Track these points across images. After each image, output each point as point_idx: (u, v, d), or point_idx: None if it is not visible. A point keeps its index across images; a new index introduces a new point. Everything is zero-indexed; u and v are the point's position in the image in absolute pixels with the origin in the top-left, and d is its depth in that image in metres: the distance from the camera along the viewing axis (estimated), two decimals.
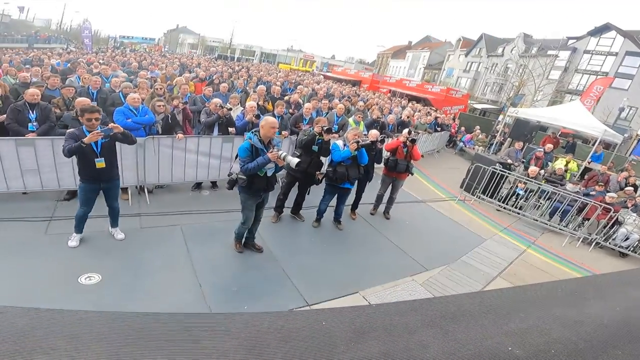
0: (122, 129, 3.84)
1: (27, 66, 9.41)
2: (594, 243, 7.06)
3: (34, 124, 4.87)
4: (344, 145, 5.08)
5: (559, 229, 7.42)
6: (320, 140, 5.07)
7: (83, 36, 31.03)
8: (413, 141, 5.95)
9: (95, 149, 3.73)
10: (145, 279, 3.74)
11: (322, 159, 5.38)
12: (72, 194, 5.08)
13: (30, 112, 4.85)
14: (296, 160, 3.78)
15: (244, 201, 4.15)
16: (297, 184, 5.47)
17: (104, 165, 3.79)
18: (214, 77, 10.51)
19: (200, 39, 67.72)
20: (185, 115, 6.08)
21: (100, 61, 13.13)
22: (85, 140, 3.52)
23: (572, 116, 11.45)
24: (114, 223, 4.33)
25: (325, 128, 5.02)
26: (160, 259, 4.08)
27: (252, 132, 3.98)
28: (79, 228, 4.06)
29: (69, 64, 10.69)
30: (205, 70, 12.69)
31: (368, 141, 5.05)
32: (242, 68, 20.19)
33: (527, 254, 6.29)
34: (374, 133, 5.57)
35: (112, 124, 3.85)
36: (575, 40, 29.61)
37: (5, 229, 4.16)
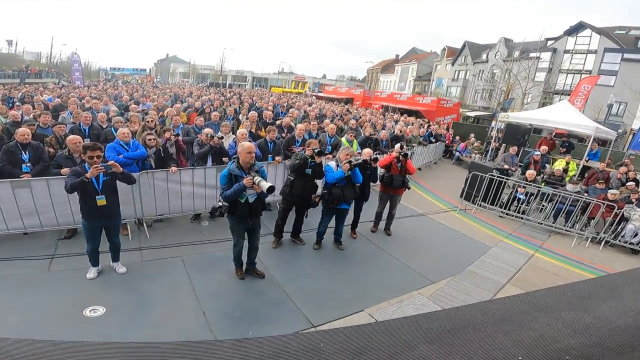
0: (121, 168, 3.93)
1: (18, 103, 9.42)
2: (603, 242, 6.93)
3: (27, 164, 4.88)
4: (337, 166, 5.06)
5: (565, 230, 7.31)
6: (313, 163, 5.05)
7: (73, 69, 31.03)
8: (405, 155, 5.92)
9: (96, 186, 3.81)
10: (149, 310, 3.76)
11: (317, 181, 5.34)
12: (72, 232, 5.10)
13: (23, 152, 4.87)
14: (268, 185, 3.78)
15: (231, 226, 4.26)
16: (294, 208, 5.42)
17: (105, 203, 3.86)
18: (204, 107, 10.60)
19: (191, 67, 67.89)
20: (178, 147, 6.08)
21: (92, 95, 13.27)
22: (87, 175, 3.62)
23: (563, 116, 11.54)
24: (115, 258, 4.36)
25: (316, 150, 5.01)
26: (163, 290, 4.11)
27: (232, 160, 4.06)
28: (93, 261, 4.16)
29: (59, 99, 10.73)
30: (197, 100, 12.85)
31: (360, 160, 5.03)
32: (233, 95, 20.46)
33: (535, 258, 6.17)
34: (368, 152, 5.57)
35: (111, 161, 3.92)
36: (553, 41, 30.19)
37: (9, 268, 4.25)
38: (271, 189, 3.80)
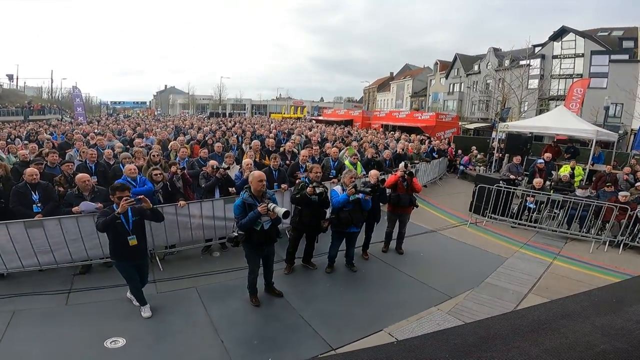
0: (150, 204, 4.04)
1: (26, 142, 9.56)
2: (622, 244, 6.78)
3: (38, 205, 4.95)
4: (343, 190, 5.08)
5: (581, 236, 7.19)
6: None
7: (75, 104, 31.06)
8: (411, 174, 5.94)
9: (127, 227, 3.91)
10: (168, 340, 3.80)
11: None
12: (86, 268, 5.13)
13: (33, 193, 4.96)
14: (283, 210, 3.87)
15: (247, 254, 4.36)
16: (304, 235, 5.41)
17: (136, 243, 3.98)
18: (207, 138, 10.75)
19: (190, 97, 67.75)
20: (185, 181, 6.13)
21: (95, 131, 13.56)
22: (118, 210, 3.72)
23: (562, 122, 11.50)
24: None
25: (318, 191, 4.97)
26: (180, 320, 4.15)
27: (244, 189, 4.19)
28: (142, 300, 4.19)
29: (65, 137, 10.91)
30: (199, 131, 13.06)
31: (368, 189, 5.02)
32: (234, 124, 20.77)
33: (554, 266, 6.05)
34: (374, 173, 5.58)
35: (142, 196, 4.06)
36: (541, 48, 30.38)
37: (28, 302, 4.35)
38: (287, 214, 3.89)
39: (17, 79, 47.86)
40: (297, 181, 5.79)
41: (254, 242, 4.14)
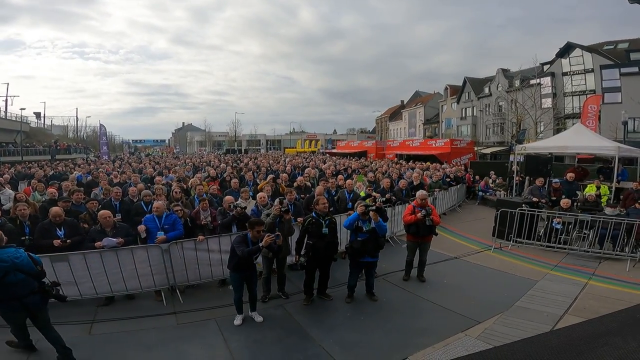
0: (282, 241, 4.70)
1: (55, 181, 9.75)
2: None
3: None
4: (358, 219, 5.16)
5: (615, 255, 6.86)
6: (328, 221, 5.19)
7: (101, 143, 33.00)
8: (432, 221, 5.83)
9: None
10: None
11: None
12: (109, 300, 5.25)
13: (58, 229, 5.12)
14: None
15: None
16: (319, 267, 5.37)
17: (261, 265, 4.90)
18: (225, 175, 10.95)
19: (207, 134, 68.98)
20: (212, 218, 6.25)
21: (118, 169, 14.15)
22: (262, 244, 4.40)
23: (580, 140, 11.17)
24: (253, 307, 4.86)
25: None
26: (201, 350, 4.17)
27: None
28: (239, 310, 4.76)
29: (90, 176, 11.32)
30: (216, 168, 13.39)
31: (374, 206, 5.10)
32: (250, 160, 21.20)
33: (591, 286, 5.73)
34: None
35: (278, 232, 4.62)
36: (549, 65, 30.11)
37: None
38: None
39: (44, 117, 49.47)
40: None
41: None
